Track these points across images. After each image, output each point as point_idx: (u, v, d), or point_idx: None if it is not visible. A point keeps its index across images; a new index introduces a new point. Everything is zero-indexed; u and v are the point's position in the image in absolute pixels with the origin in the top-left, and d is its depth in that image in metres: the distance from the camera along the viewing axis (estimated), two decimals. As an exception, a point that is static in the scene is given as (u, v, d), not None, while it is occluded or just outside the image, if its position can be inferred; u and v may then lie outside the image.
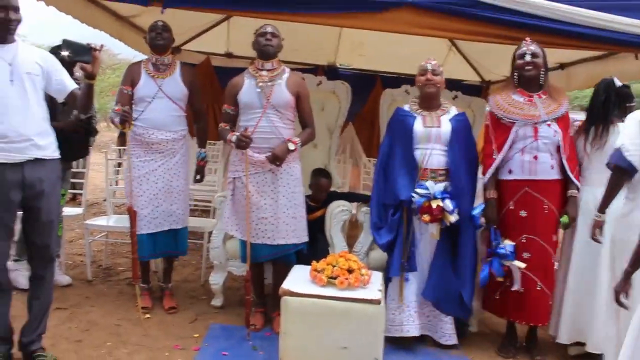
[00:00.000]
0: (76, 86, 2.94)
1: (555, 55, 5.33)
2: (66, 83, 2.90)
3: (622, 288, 2.36)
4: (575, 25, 3.45)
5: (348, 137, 6.86)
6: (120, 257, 4.98)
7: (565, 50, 4.15)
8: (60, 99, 2.96)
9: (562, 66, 5.86)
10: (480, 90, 7.20)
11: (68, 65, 3.06)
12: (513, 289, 3.30)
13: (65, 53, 2.76)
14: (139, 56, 6.71)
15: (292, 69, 3.65)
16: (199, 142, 3.96)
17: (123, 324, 3.51)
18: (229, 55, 7.32)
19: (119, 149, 6.16)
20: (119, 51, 18.35)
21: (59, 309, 3.61)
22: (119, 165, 6.53)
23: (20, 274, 3.69)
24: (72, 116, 3.86)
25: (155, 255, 3.89)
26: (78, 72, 4.12)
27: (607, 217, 2.96)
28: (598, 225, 2.97)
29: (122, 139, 5.56)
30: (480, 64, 6.93)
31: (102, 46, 2.81)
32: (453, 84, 5.69)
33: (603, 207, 2.90)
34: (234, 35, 6.66)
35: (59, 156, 2.88)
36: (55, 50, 3.27)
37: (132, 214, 3.51)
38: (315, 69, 6.99)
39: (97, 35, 5.03)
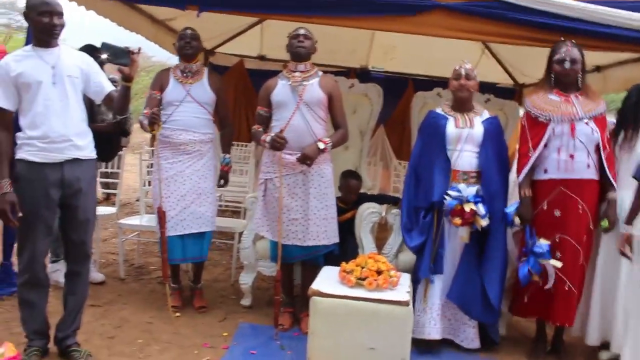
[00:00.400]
0: (113, 88, 3.02)
1: (592, 57, 5.22)
2: (104, 85, 2.98)
3: (622, 241, 2.49)
4: (609, 26, 3.39)
5: (379, 140, 6.86)
6: (152, 256, 5.06)
7: (600, 52, 4.09)
8: (98, 100, 3.04)
9: (598, 69, 5.75)
10: (513, 93, 7.12)
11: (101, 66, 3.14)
12: (547, 287, 3.26)
13: (104, 56, 2.81)
14: (172, 58, 6.82)
15: (324, 72, 3.68)
16: (224, 147, 3.98)
17: (154, 322, 3.57)
18: (262, 58, 7.38)
19: (152, 150, 6.27)
20: (152, 54, 18.68)
21: (93, 306, 3.69)
22: (151, 166, 6.65)
23: (61, 273, 3.77)
24: (106, 117, 3.96)
25: (185, 260, 3.90)
26: (111, 75, 4.23)
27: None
28: (626, 238, 2.89)
29: (153, 140, 5.68)
30: (513, 66, 6.85)
31: (140, 49, 2.87)
32: (486, 87, 5.65)
33: (630, 219, 2.82)
34: (268, 38, 6.73)
35: (96, 156, 2.96)
36: (89, 51, 3.33)
37: (162, 215, 3.55)
38: (347, 72, 7.01)
39: (132, 38, 5.15)
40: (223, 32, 6.35)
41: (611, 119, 3.63)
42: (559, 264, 3.21)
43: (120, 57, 2.82)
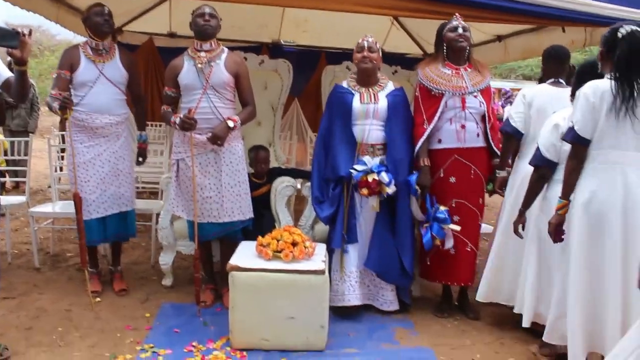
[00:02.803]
0: (10, 74, 2.87)
1: (492, 28, 5.51)
2: (0, 71, 2.85)
3: (517, 222, 3.09)
4: (506, 0, 3.59)
5: (293, 113, 6.92)
6: (68, 243, 4.94)
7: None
8: None
9: (499, 38, 6.04)
10: (422, 63, 7.33)
11: None
12: (446, 247, 3.47)
13: None
14: (79, 37, 6.54)
15: (236, 48, 3.67)
16: (139, 124, 3.95)
17: (74, 309, 3.51)
18: (172, 35, 7.22)
19: (62, 134, 6.05)
20: (57, 32, 17.82)
21: (6, 298, 3.60)
22: (62, 150, 6.41)
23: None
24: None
25: (106, 239, 3.88)
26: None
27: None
28: (501, 180, 3.54)
29: (63, 124, 5.47)
30: (421, 37, 7.06)
31: (30, 31, 2.71)
32: (395, 59, 5.81)
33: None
34: (177, 15, 6.57)
35: None
36: None
37: (78, 200, 3.49)
38: (259, 47, 6.99)
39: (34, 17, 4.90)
40: (130, 9, 6.16)
41: (515, 85, 3.91)
42: (457, 228, 3.43)
43: (7, 39, 2.61)
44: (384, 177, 3.37)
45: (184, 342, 3.11)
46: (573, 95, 2.96)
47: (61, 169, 5.38)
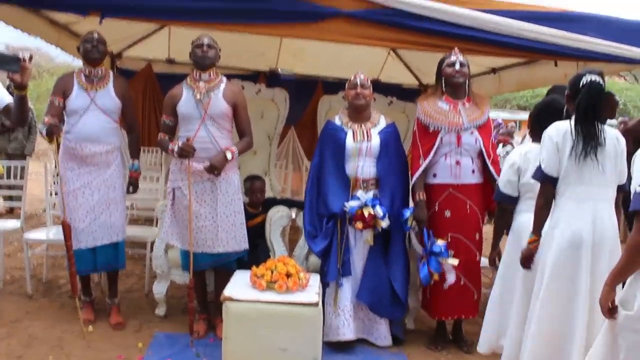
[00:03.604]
0: (11, 99, 2.90)
1: (487, 60, 5.58)
2: (1, 96, 2.87)
3: (491, 255, 3.36)
4: (500, 34, 3.65)
5: (289, 141, 6.95)
6: (62, 270, 4.88)
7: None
8: None
9: (494, 70, 6.11)
10: (419, 93, 7.38)
11: None
12: (448, 283, 3.46)
13: None
14: (78, 60, 6.59)
15: (233, 75, 3.70)
16: (132, 153, 3.93)
17: (66, 337, 3.48)
18: (170, 61, 7.27)
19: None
20: (56, 55, 17.89)
21: (-3, 325, 3.57)
22: (58, 174, 6.40)
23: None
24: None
25: (96, 270, 3.83)
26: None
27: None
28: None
29: (59, 148, 5.48)
30: (418, 68, 7.13)
31: (31, 56, 2.73)
32: (391, 89, 5.87)
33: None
34: (175, 41, 6.62)
35: None
36: None
37: (67, 228, 3.46)
38: (256, 76, 7.05)
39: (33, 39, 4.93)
40: (129, 35, 6.20)
41: (511, 116, 3.94)
42: (456, 262, 3.42)
43: (8, 63, 2.63)
44: (379, 211, 3.40)
45: (176, 373, 3.09)
46: (531, 132, 3.24)
47: (56, 194, 5.37)
